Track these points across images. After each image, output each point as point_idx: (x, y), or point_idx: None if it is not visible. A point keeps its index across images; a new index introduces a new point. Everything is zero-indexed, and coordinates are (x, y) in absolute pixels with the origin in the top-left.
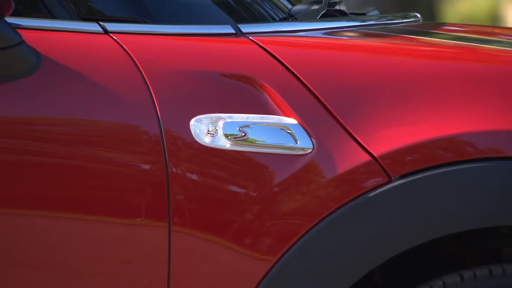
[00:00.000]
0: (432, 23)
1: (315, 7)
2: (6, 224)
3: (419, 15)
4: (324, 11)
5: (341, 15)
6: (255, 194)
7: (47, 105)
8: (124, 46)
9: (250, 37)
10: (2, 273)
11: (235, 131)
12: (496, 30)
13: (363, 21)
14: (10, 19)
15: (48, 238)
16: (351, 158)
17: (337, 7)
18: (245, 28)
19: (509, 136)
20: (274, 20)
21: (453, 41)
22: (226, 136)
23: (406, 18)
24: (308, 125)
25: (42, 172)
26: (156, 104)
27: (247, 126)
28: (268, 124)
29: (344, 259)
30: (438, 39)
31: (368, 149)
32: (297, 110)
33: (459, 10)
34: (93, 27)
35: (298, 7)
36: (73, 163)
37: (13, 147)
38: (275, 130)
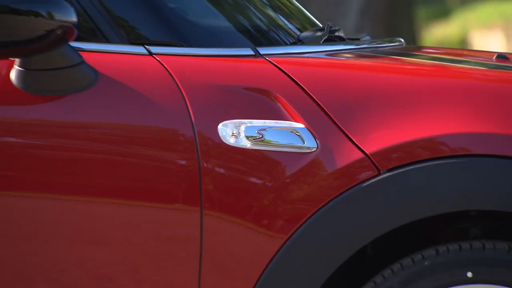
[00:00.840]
0: (413, 46)
1: (319, 33)
2: (79, 209)
3: (402, 40)
4: (326, 37)
5: (340, 40)
6: (270, 184)
7: (104, 113)
8: (165, 65)
9: (267, 58)
10: (66, 247)
11: (254, 133)
12: (465, 52)
13: (357, 44)
14: (73, 43)
15: (112, 219)
16: (348, 155)
17: (336, 34)
18: (262, 50)
19: (474, 138)
20: (286, 44)
21: (429, 61)
22: (247, 137)
23: (392, 42)
24: (313, 128)
25: (104, 167)
26: (191, 112)
27: (264, 129)
28: (281, 128)
29: (342, 235)
30: (418, 59)
31: (362, 148)
32: (304, 117)
33: (435, 36)
34: (140, 49)
35: (305, 33)
36: (125, 160)
37: (77, 147)
38: (287, 133)
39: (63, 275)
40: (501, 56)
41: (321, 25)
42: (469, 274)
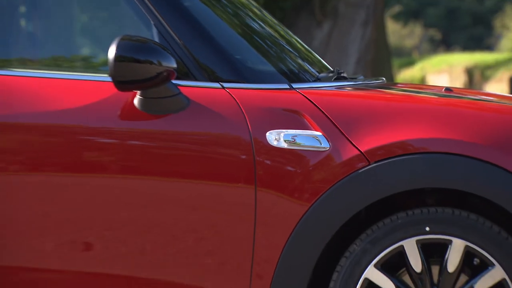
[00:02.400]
0: (390, 82)
1: (331, 74)
2: (181, 187)
3: (384, 78)
4: (335, 76)
5: (344, 78)
6: (299, 171)
7: (193, 124)
8: (232, 95)
9: (297, 90)
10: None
11: (289, 138)
12: (423, 86)
13: (355, 81)
14: (174, 81)
15: (198, 192)
16: (349, 152)
17: (342, 75)
18: (294, 85)
19: (430, 141)
20: (309, 81)
21: (401, 92)
22: (285, 141)
23: (377, 80)
24: (327, 135)
25: (193, 159)
26: (249, 125)
27: (296, 136)
28: (306, 135)
29: (345, 203)
30: (393, 91)
31: (358, 147)
32: (321, 127)
33: (403, 77)
34: (216, 85)
35: (322, 74)
36: (207, 155)
37: (175, 146)
38: (310, 138)
39: (152, 235)
40: (447, 89)
41: (332, 69)
42: (427, 228)
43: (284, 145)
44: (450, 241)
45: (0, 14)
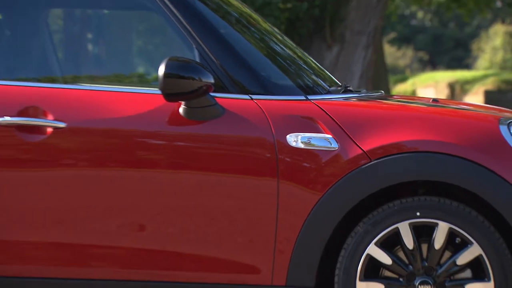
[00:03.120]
0: (387, 95)
1: (339, 88)
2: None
3: (382, 91)
4: (343, 90)
5: (350, 91)
6: (313, 167)
7: (228, 129)
8: (259, 105)
9: (312, 101)
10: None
11: (306, 140)
12: (415, 98)
13: (359, 93)
14: (212, 93)
15: (232, 182)
16: (354, 152)
17: (348, 88)
18: (310, 97)
19: (420, 142)
20: (322, 93)
21: (396, 102)
22: (302, 142)
23: (377, 92)
24: (336, 137)
25: (227, 156)
26: (272, 129)
27: (311, 138)
28: (319, 137)
29: (351, 193)
30: (390, 101)
31: (361, 147)
32: (331, 131)
33: (398, 90)
34: (246, 97)
35: (332, 88)
36: (238, 153)
37: (212, 145)
38: (322, 140)
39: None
40: (434, 100)
41: (340, 84)
42: (418, 213)
43: (301, 146)
44: (437, 224)
45: (73, 40)
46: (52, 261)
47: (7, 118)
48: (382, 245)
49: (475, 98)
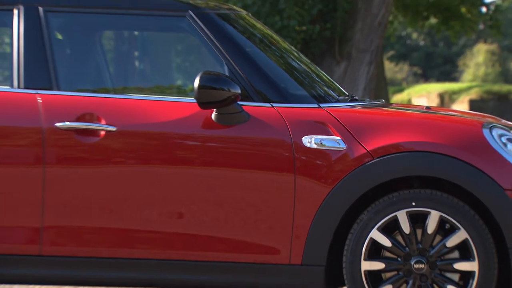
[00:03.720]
0: (387, 103)
1: (346, 97)
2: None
3: (383, 100)
4: (350, 98)
5: (356, 100)
6: (325, 164)
7: (252, 132)
8: (279, 111)
9: (323, 108)
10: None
11: (318, 141)
12: (410, 106)
13: (364, 102)
14: (239, 102)
15: (254, 177)
16: (359, 151)
17: (354, 98)
18: (322, 105)
19: (415, 143)
20: (331, 102)
21: (394, 109)
22: (315, 143)
23: (378, 101)
24: (344, 139)
25: (249, 154)
26: (290, 132)
27: (322, 139)
28: (329, 139)
29: (356, 186)
30: (389, 108)
31: (366, 147)
32: (340, 134)
33: (396, 99)
34: (267, 104)
35: (340, 97)
36: (258, 152)
37: (237, 146)
38: (332, 141)
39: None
40: (427, 107)
41: (347, 94)
42: (413, 203)
43: (315, 146)
44: (429, 212)
45: (122, 58)
46: (102, 243)
47: (67, 123)
48: (383, 230)
49: (461, 106)
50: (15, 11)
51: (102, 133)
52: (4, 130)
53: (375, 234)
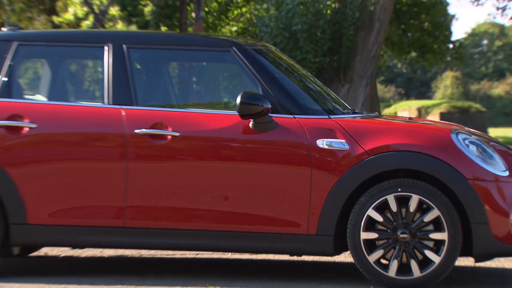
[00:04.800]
0: (379, 115)
1: (350, 110)
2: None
3: (377, 113)
4: (352, 111)
5: (356, 113)
6: (333, 160)
7: (278, 136)
8: (299, 121)
9: (332, 118)
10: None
11: (329, 143)
12: (396, 117)
13: (362, 114)
14: (269, 114)
15: (278, 169)
16: (359, 151)
17: (355, 111)
18: (331, 116)
19: (401, 145)
20: (338, 114)
21: (385, 119)
22: (326, 145)
23: (373, 113)
24: (347, 141)
25: (276, 156)
26: (308, 136)
27: (332, 142)
28: (337, 141)
29: (357, 176)
30: (381, 119)
31: (364, 147)
32: (344, 137)
33: (385, 112)
34: (291, 116)
35: (345, 110)
36: (282, 152)
37: (266, 147)
38: (339, 143)
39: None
40: (410, 118)
41: (350, 108)
42: (399, 189)
43: (326, 147)
44: (411, 196)
45: (184, 82)
46: (169, 218)
47: (143, 130)
48: (376, 209)
49: (434, 117)
50: (106, 48)
51: (169, 137)
52: (98, 135)
53: (371, 212)
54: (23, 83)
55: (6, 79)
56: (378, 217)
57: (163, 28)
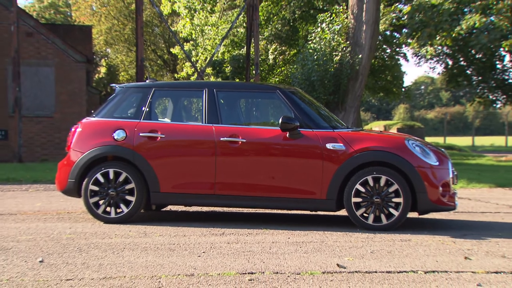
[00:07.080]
0: (362, 129)
1: (344, 126)
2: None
3: (361, 128)
4: (346, 126)
5: (348, 128)
6: (335, 156)
7: (304, 142)
8: (316, 133)
9: (336, 131)
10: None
11: (333, 146)
12: (373, 130)
13: (352, 128)
14: (298, 129)
15: (297, 161)
16: (351, 150)
17: (348, 126)
18: (335, 130)
19: (376, 147)
20: (340, 128)
21: (368, 132)
22: (332, 147)
23: (360, 127)
24: (344, 144)
25: (301, 153)
26: (320, 141)
27: (335, 145)
28: (338, 144)
29: (350, 165)
30: (364, 131)
31: (354, 148)
32: (342, 142)
33: (366, 127)
34: (310, 130)
35: (343, 126)
36: (301, 151)
37: (297, 149)
38: (339, 145)
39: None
40: (380, 131)
41: (345, 125)
42: (374, 173)
43: (331, 148)
44: (381, 177)
45: (248, 110)
46: (242, 189)
47: (225, 138)
48: (361, 184)
49: (394, 130)
50: (204, 91)
51: (240, 142)
52: (199, 141)
53: (358, 186)
54: (157, 112)
55: (148, 109)
56: (362, 189)
57: (237, 79)
